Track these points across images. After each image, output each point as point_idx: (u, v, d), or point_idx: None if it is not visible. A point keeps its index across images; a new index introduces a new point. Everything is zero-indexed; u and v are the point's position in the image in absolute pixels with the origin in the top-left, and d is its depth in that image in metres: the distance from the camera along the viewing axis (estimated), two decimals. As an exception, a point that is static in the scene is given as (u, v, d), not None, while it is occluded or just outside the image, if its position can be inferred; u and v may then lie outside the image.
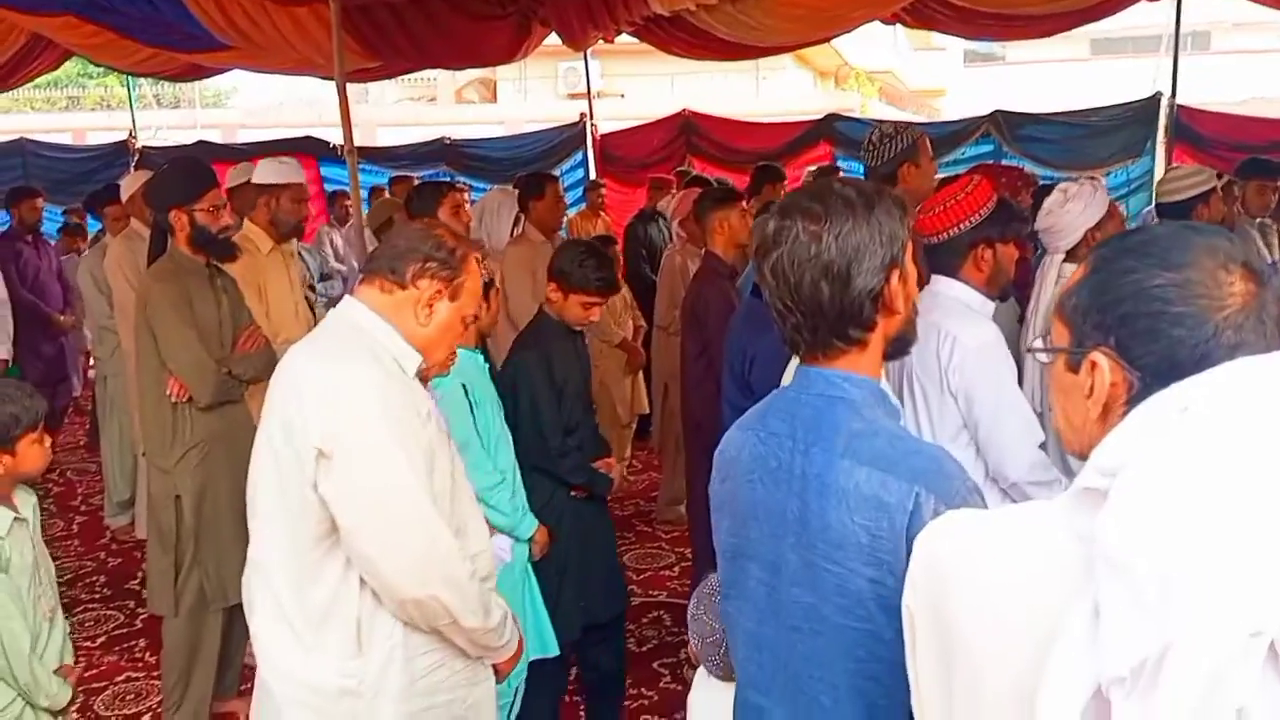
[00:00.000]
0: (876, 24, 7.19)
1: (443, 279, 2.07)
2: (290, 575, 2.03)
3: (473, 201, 5.49)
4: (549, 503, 3.25)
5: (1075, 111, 8.68)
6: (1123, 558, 0.81)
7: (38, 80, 16.83)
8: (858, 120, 9.86)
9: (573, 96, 16.42)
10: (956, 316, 2.62)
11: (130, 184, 5.15)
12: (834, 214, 1.47)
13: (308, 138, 9.97)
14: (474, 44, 7.47)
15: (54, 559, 5.19)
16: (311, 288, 6.37)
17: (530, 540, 3.09)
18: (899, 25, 7.74)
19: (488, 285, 2.81)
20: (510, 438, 3.12)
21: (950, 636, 1.05)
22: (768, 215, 1.58)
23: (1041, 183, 5.94)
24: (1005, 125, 8.67)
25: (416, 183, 6.80)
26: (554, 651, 3.07)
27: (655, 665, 4.14)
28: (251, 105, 25.59)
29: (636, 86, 18.35)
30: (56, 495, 6.43)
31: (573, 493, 3.33)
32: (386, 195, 7.69)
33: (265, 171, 4.17)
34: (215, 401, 3.47)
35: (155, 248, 3.53)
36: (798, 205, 1.51)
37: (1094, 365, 1.02)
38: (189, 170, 3.54)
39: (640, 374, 6.04)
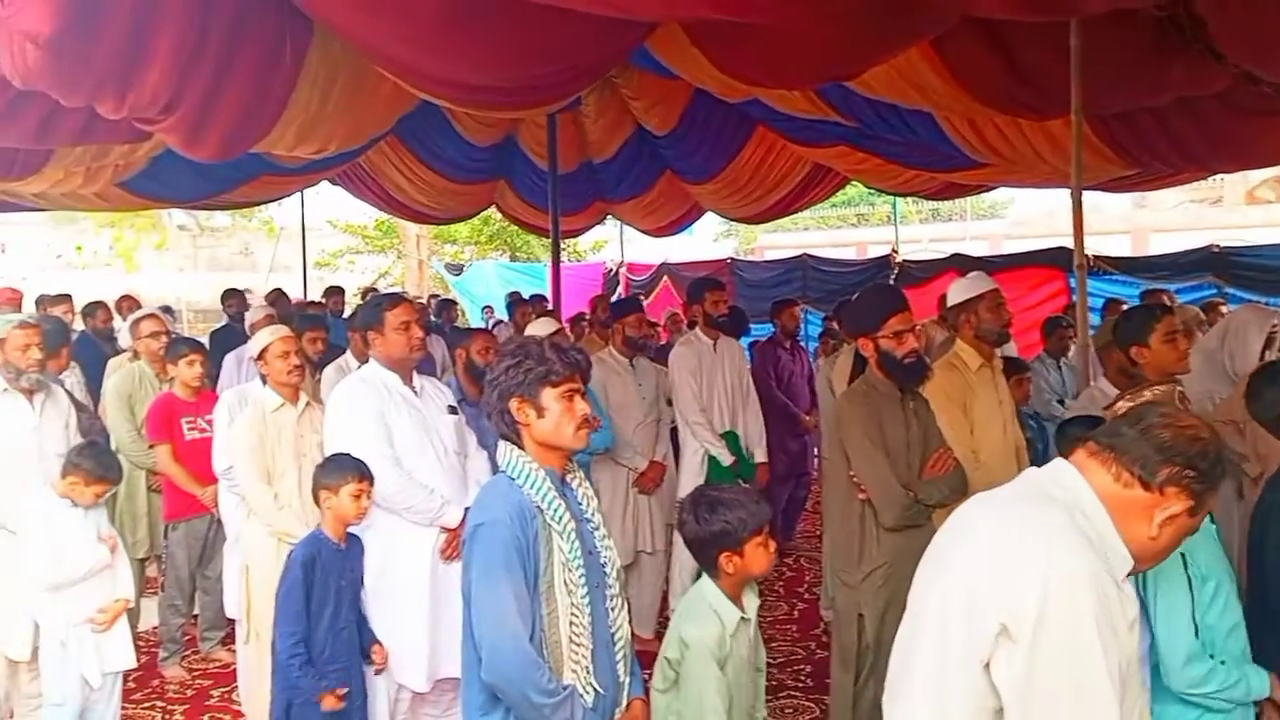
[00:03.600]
0: None
1: (1194, 494, 1.78)
2: None
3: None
4: None
5: None
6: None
7: (834, 200, 19.13)
8: None
9: (1405, 192, 13.61)
10: None
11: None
12: None
13: (1061, 248, 9.71)
14: (1252, 143, 6.57)
15: (770, 642, 5.72)
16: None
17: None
18: None
19: None
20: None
21: None
22: None
23: None
24: None
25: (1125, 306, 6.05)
26: None
27: None
28: (1023, 215, 25.90)
29: None
30: (786, 580, 7.00)
31: None
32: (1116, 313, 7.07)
33: (956, 291, 4.17)
34: (899, 525, 3.47)
35: (856, 367, 3.69)
36: None
37: None
38: (875, 299, 3.68)
39: None
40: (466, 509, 3.70)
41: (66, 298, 8.64)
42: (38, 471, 4.14)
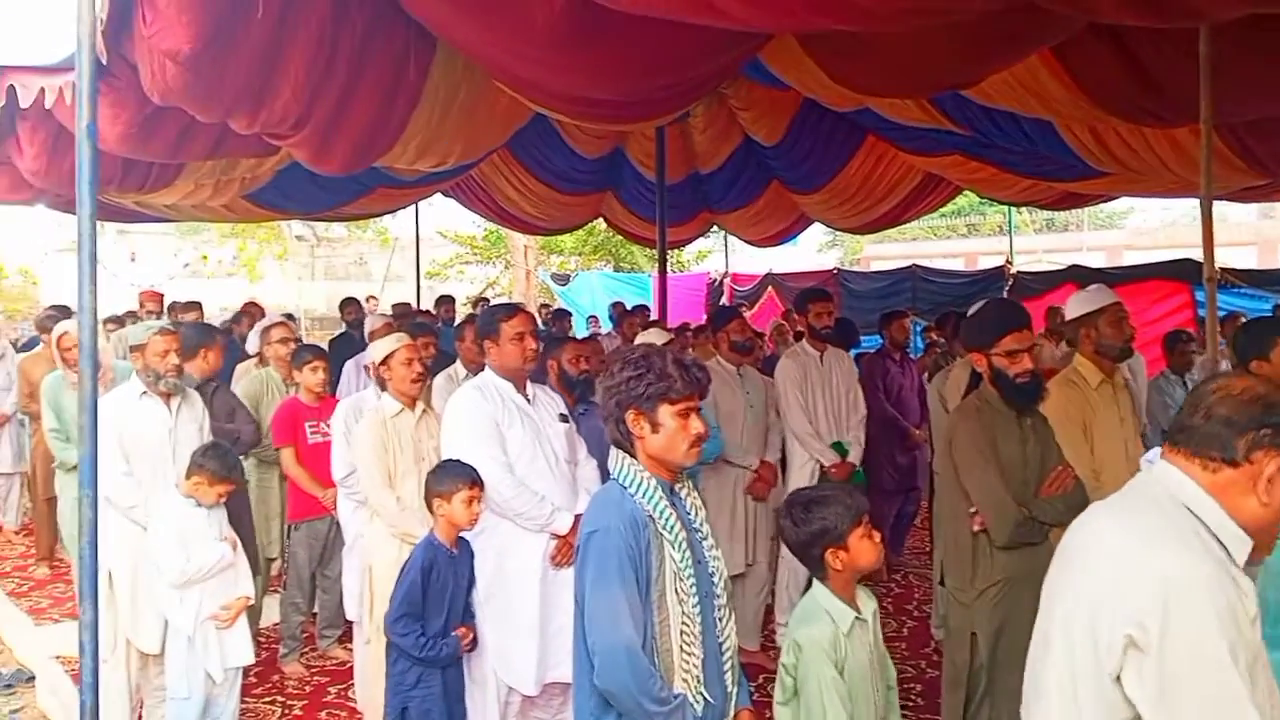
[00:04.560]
0: None
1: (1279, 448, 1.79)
2: None
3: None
4: None
5: None
6: None
7: (943, 210, 18.82)
8: None
9: None
10: None
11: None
12: None
13: (1186, 260, 9.35)
14: (1396, 151, 6.24)
15: (879, 659, 5.63)
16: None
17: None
18: None
19: None
20: None
21: None
22: None
23: None
24: None
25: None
26: None
27: None
28: (1144, 225, 25.02)
29: None
30: (895, 596, 6.87)
31: None
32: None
33: (1075, 305, 4.07)
34: (1012, 543, 3.38)
35: (972, 381, 3.62)
36: None
37: None
38: (992, 314, 3.62)
39: None
40: (576, 515, 3.76)
41: (196, 305, 9.04)
42: (171, 472, 4.34)
